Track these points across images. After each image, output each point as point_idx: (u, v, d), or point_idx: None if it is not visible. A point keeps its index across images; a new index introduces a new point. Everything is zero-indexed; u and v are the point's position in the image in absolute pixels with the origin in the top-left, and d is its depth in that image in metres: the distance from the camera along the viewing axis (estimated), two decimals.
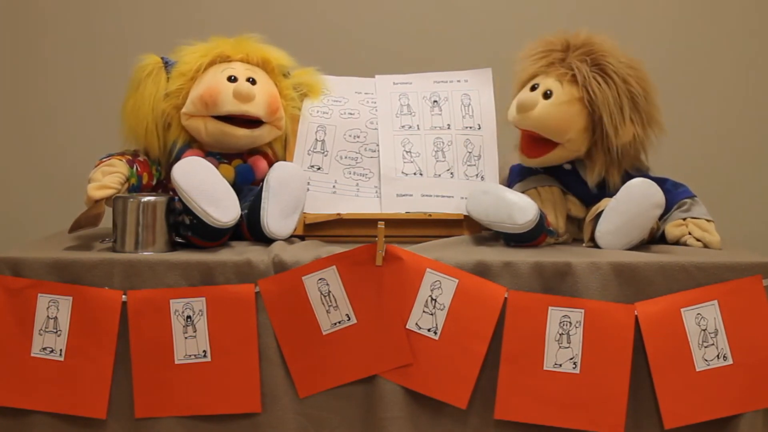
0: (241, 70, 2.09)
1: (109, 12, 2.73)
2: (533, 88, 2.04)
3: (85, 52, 2.72)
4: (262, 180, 1.97)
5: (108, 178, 1.97)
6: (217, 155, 2.09)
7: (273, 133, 2.12)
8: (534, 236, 1.93)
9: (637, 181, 1.92)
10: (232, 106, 2.05)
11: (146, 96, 2.07)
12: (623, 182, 1.96)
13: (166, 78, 2.08)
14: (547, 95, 2.01)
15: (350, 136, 2.15)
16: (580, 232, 2.04)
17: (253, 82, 2.08)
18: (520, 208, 1.90)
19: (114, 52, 2.69)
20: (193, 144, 2.10)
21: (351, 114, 2.18)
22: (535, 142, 2.04)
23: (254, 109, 2.06)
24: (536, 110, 2.01)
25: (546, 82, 2.02)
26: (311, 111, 2.17)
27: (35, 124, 2.74)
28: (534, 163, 2.07)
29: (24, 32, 2.73)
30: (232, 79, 2.07)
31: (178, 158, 2.04)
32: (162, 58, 2.10)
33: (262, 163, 2.11)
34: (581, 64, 2.00)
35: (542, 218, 1.93)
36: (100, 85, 2.68)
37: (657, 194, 1.91)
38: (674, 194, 2.03)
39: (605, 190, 2.04)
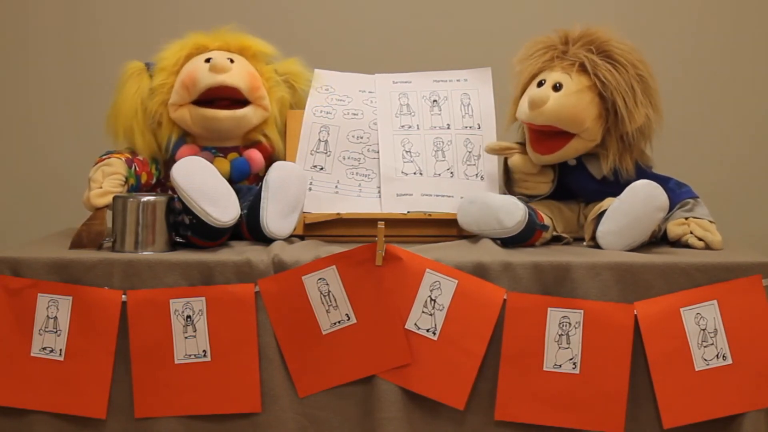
0: (219, 54, 2.09)
1: (109, 11, 2.72)
2: (540, 85, 2.01)
3: (85, 51, 2.72)
4: (258, 172, 1.97)
5: (108, 182, 1.98)
6: (213, 149, 2.09)
7: (259, 114, 2.10)
8: (527, 236, 1.93)
9: (642, 183, 1.91)
10: (209, 80, 2.05)
11: (128, 95, 2.09)
12: (635, 172, 1.97)
13: (149, 78, 2.10)
14: (556, 88, 1.99)
15: (353, 136, 2.15)
16: (580, 229, 2.04)
17: (231, 62, 2.08)
18: (507, 211, 1.90)
19: (114, 50, 2.68)
20: (187, 138, 2.11)
21: (354, 114, 2.18)
22: (547, 138, 2.01)
23: (231, 79, 2.05)
24: (549, 104, 1.97)
25: (552, 76, 2.00)
26: (315, 111, 2.17)
27: (35, 124, 2.74)
28: (548, 159, 2.04)
29: (24, 31, 2.72)
30: (209, 61, 2.07)
31: (173, 153, 2.05)
32: (145, 64, 2.12)
33: (258, 156, 2.11)
34: (587, 53, 1.99)
35: (531, 216, 1.92)
36: (101, 84, 2.67)
37: (661, 197, 1.91)
38: (677, 194, 2.02)
39: (611, 185, 2.03)
